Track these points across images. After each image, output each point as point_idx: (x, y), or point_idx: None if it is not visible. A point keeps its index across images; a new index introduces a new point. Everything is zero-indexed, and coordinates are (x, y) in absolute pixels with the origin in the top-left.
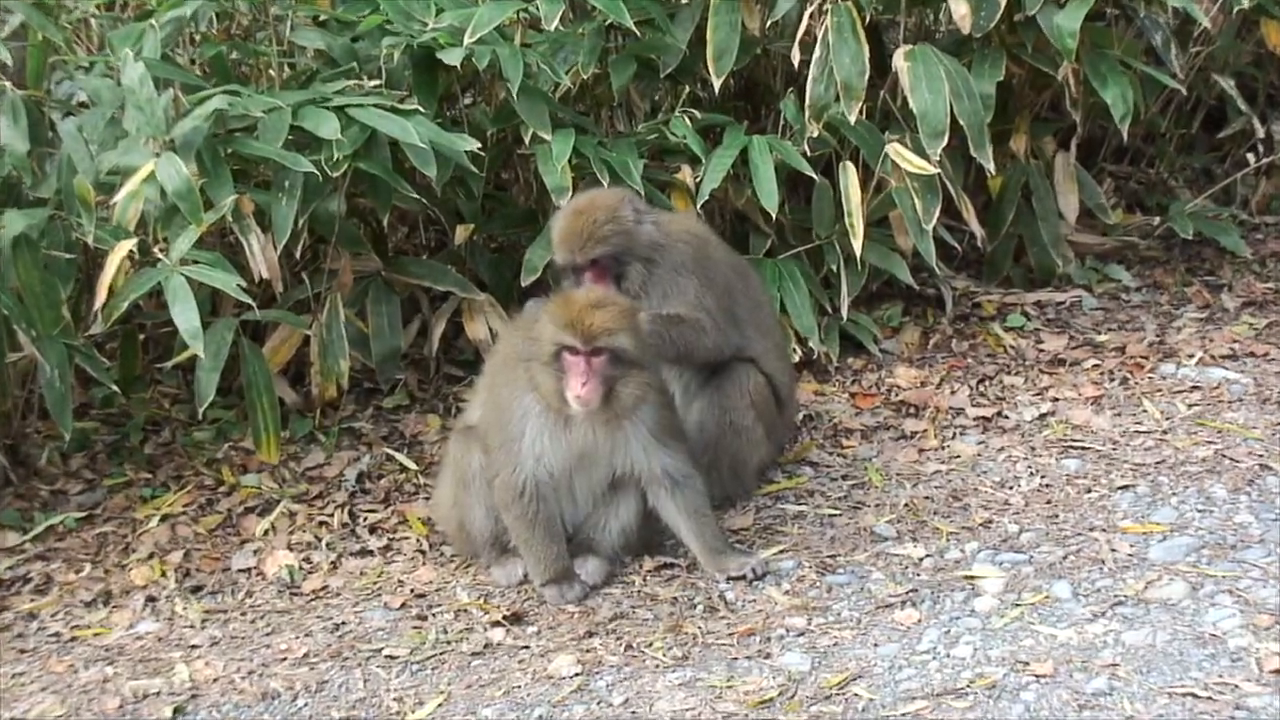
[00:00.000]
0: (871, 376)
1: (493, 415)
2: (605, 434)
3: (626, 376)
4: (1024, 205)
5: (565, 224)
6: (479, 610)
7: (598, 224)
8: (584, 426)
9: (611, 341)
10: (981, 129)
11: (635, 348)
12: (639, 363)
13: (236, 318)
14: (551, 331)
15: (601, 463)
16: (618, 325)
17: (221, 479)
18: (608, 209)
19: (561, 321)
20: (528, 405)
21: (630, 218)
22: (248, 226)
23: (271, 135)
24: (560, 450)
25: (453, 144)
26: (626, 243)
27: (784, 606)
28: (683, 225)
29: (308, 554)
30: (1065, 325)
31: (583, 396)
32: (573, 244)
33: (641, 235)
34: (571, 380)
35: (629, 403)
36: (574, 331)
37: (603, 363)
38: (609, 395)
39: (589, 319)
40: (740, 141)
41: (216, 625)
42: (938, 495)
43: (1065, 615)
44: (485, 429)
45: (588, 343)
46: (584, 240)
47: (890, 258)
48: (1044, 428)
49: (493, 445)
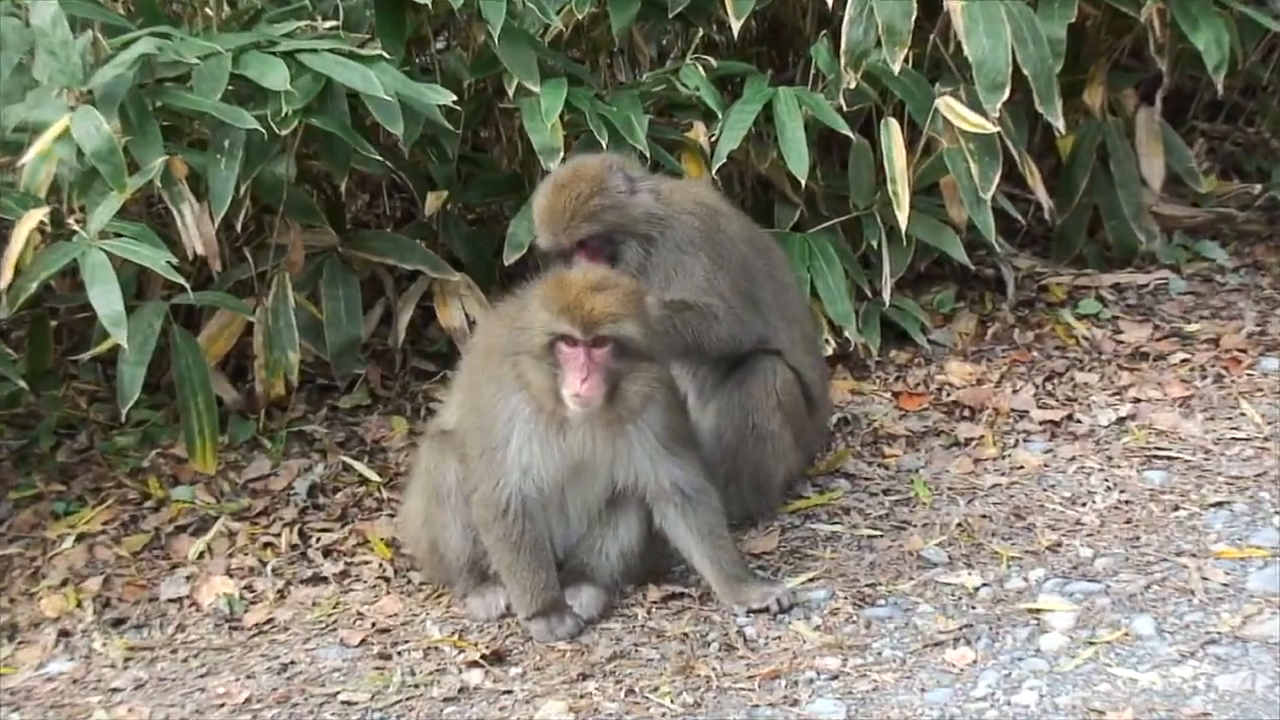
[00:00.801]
0: (919, 373)
1: (472, 419)
2: (606, 441)
3: (633, 371)
4: (1100, 170)
5: (546, 202)
6: (453, 648)
7: (583, 199)
8: (581, 432)
9: (616, 330)
10: (1049, 80)
11: (643, 337)
12: (647, 355)
13: (166, 301)
14: (544, 319)
15: (600, 474)
16: (623, 310)
17: (148, 492)
18: (594, 180)
19: (556, 306)
20: (514, 407)
21: (621, 188)
22: (180, 194)
23: (208, 86)
24: (552, 460)
25: (423, 96)
26: (619, 219)
27: (814, 645)
28: (688, 194)
29: (250, 581)
30: (1148, 312)
31: (582, 395)
32: (556, 225)
33: (637, 208)
34: (569, 376)
35: (635, 403)
36: (571, 318)
37: (605, 355)
38: (612, 394)
39: (589, 303)
40: (764, 94)
41: (142, 665)
42: (997, 513)
43: (1148, 656)
44: (463, 434)
45: (588, 331)
46: (568, 219)
47: (941, 232)
48: (1123, 434)
49: (472, 454)
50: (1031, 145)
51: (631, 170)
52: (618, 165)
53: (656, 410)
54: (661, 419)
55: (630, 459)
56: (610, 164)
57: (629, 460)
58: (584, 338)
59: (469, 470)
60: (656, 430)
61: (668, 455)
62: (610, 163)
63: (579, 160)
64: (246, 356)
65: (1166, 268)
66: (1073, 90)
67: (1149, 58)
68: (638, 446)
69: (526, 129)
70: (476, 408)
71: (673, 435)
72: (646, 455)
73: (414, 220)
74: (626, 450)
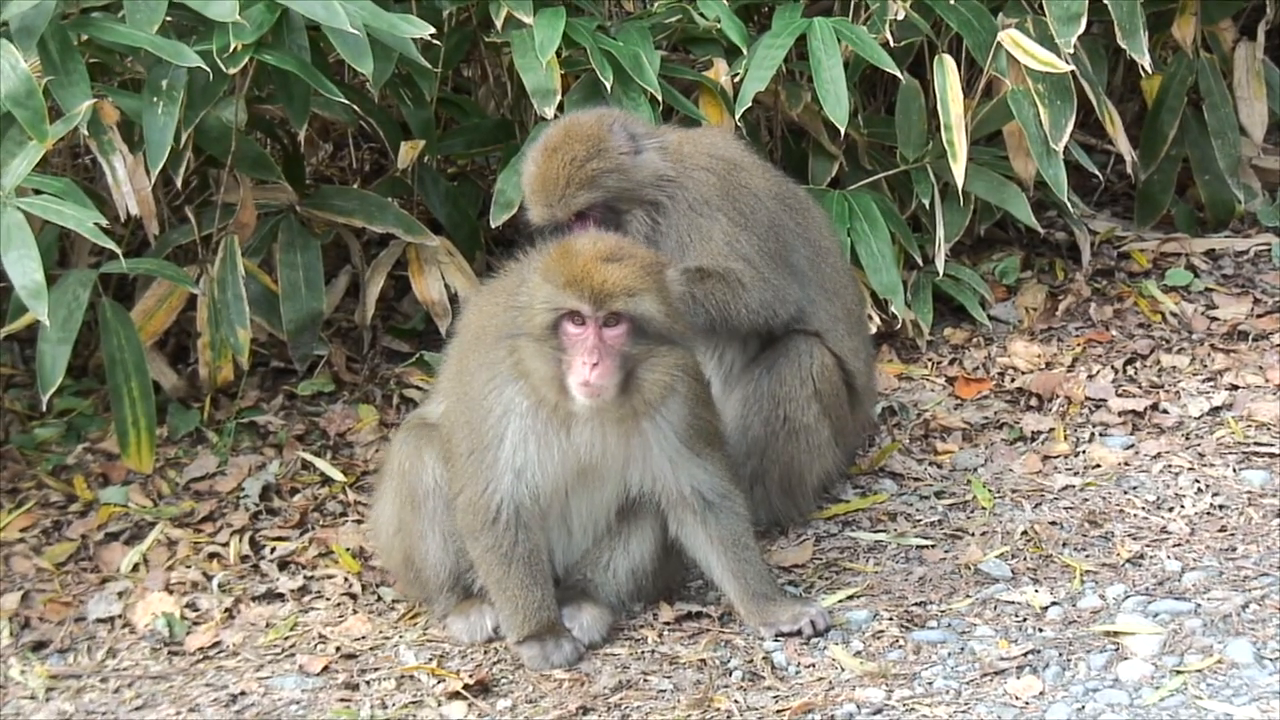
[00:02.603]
0: (977, 354)
1: (460, 412)
2: (618, 439)
3: (651, 357)
4: (1191, 117)
5: (537, 169)
6: (430, 677)
7: (579, 163)
8: (589, 429)
9: (631, 306)
10: (1134, 9)
11: (663, 316)
12: (668, 338)
13: (94, 270)
14: (548, 293)
15: (610, 479)
16: (639, 284)
17: (74, 493)
18: (591, 140)
19: (562, 278)
20: (509, 400)
21: (623, 148)
22: (110, 143)
23: (143, 16)
24: (553, 462)
25: (395, 29)
26: (622, 184)
27: (854, 674)
28: (701, 147)
29: (193, 598)
30: (1248, 284)
31: (592, 383)
32: (549, 194)
33: (642, 170)
34: (575, 362)
35: (653, 395)
36: (579, 291)
37: (619, 336)
38: (626, 383)
39: (600, 274)
40: (796, 26)
41: (66, 696)
42: (1068, 520)
43: (1245, 686)
44: (449, 430)
45: (599, 306)
46: (563, 188)
47: (1004, 189)
48: (1217, 426)
49: (459, 451)
50: (1111, 87)
51: (634, 125)
52: (618, 121)
53: (678, 404)
54: (684, 414)
55: (647, 461)
56: (609, 120)
57: (645, 463)
58: (594, 314)
59: (454, 470)
60: (678, 428)
61: (691, 457)
62: (609, 119)
63: (572, 117)
64: (188, 335)
65: (1269, 231)
66: (1160, 22)
67: None
68: (655, 447)
69: (517, 67)
70: (465, 399)
71: (697, 433)
72: (666, 457)
73: (385, 175)
74: (642, 451)
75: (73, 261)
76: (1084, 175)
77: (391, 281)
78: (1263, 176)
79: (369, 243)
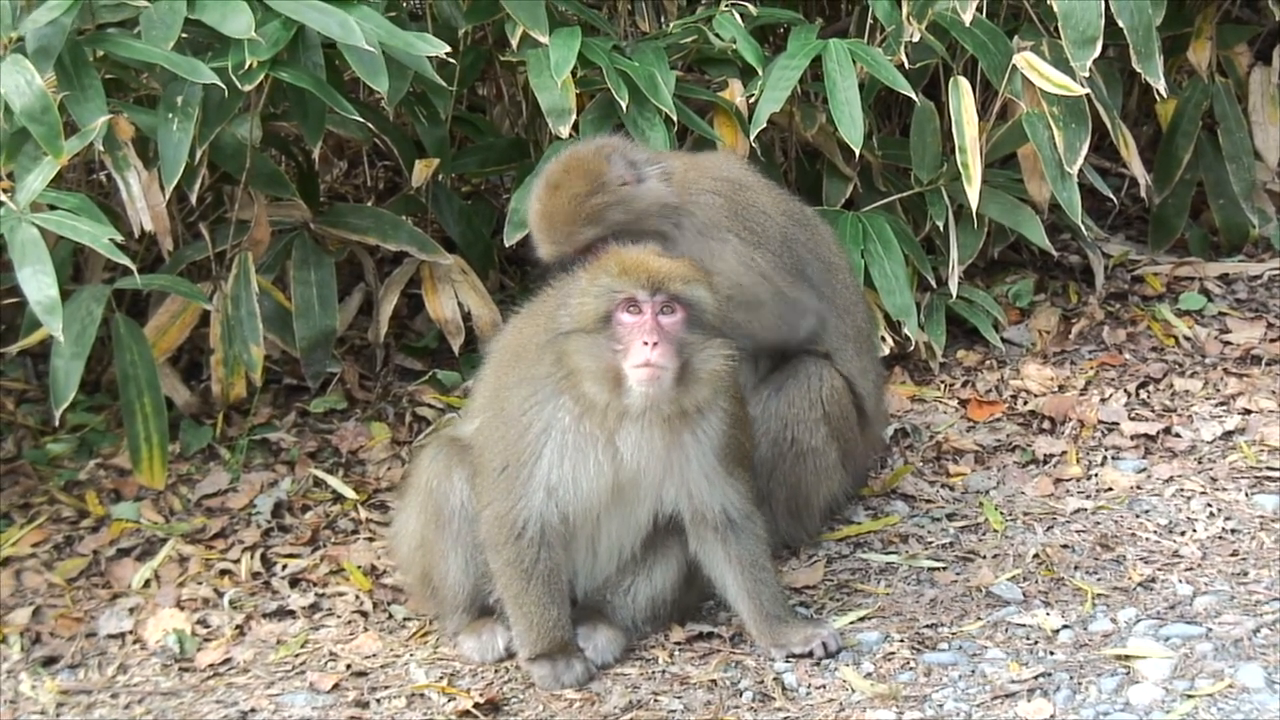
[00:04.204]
0: (990, 377)
1: (495, 429)
2: (662, 447)
3: (706, 348)
4: (1206, 141)
5: (540, 206)
6: (440, 695)
7: (580, 199)
8: (635, 432)
9: (688, 291)
10: (1149, 33)
11: (715, 307)
12: (719, 331)
13: (108, 285)
14: (604, 283)
15: (646, 497)
16: (693, 272)
17: (85, 509)
18: (590, 175)
19: (617, 268)
20: (550, 416)
21: (624, 178)
22: (125, 159)
23: (159, 33)
24: (589, 479)
25: (411, 47)
26: (625, 215)
27: (865, 695)
28: (706, 169)
29: (204, 615)
30: (1261, 309)
31: (653, 363)
32: (555, 232)
33: (645, 200)
34: (633, 345)
35: (708, 385)
36: (637, 278)
37: (675, 323)
38: (682, 374)
39: (655, 263)
40: (811, 48)
41: (76, 712)
42: (1080, 543)
43: (1256, 711)
44: (481, 446)
45: (656, 290)
46: (568, 225)
47: (1018, 212)
48: (1230, 450)
49: (490, 467)
50: (1126, 110)
51: (634, 153)
52: (617, 151)
53: (718, 420)
54: (723, 431)
55: (684, 476)
56: (607, 151)
57: (682, 477)
58: (651, 298)
59: (483, 485)
60: (716, 444)
61: (724, 476)
62: (607, 149)
63: (571, 153)
64: (201, 351)
65: None
66: (1176, 46)
67: (1265, 7)
68: (694, 461)
69: (532, 86)
70: (502, 416)
71: (732, 452)
72: (703, 473)
73: (399, 192)
74: (681, 465)
75: (86, 277)
76: (1098, 198)
77: (405, 299)
78: (1277, 201)
79: (382, 260)
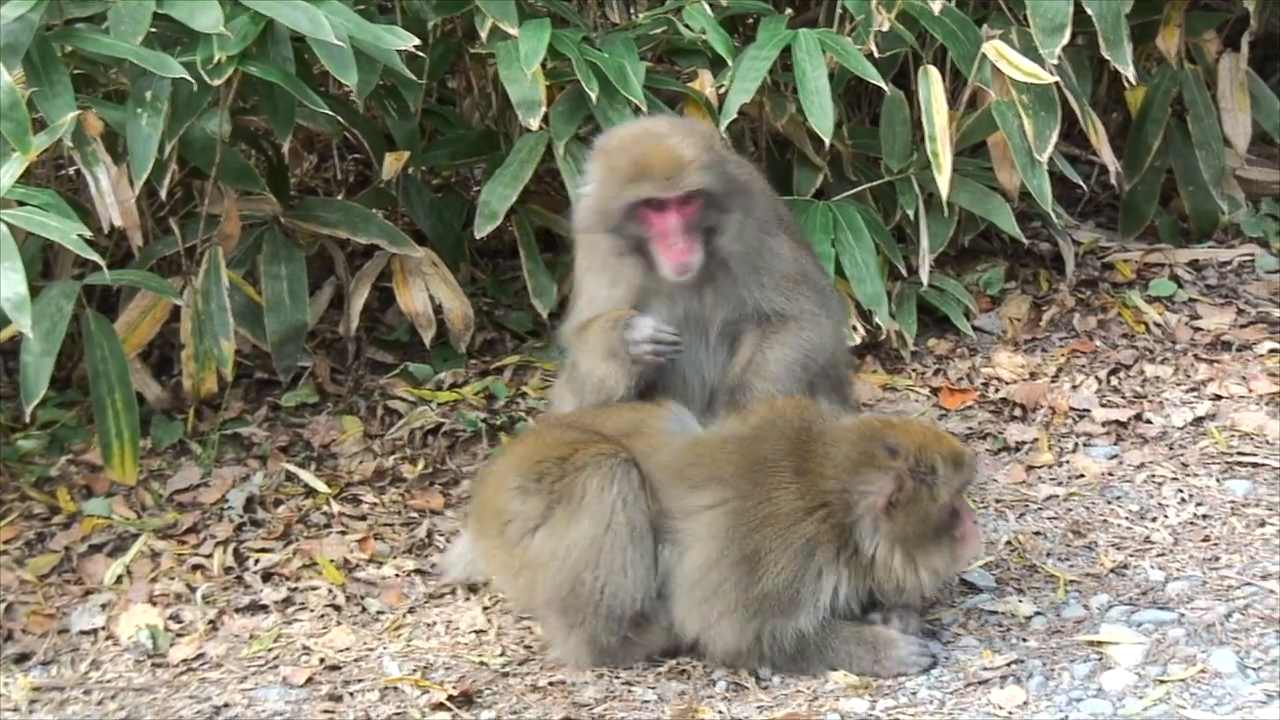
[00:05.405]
0: (962, 364)
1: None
2: None
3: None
4: (1176, 127)
5: (647, 148)
6: (414, 688)
7: (698, 146)
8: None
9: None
10: (1118, 21)
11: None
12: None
13: (78, 281)
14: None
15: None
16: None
17: (57, 505)
18: (701, 134)
19: None
20: None
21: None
22: (94, 155)
23: (127, 27)
24: None
25: (380, 40)
26: (725, 183)
27: (838, 685)
28: (746, 165)
29: (177, 610)
30: (1231, 295)
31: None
32: (669, 169)
33: (736, 176)
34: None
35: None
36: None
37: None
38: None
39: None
40: (781, 38)
41: (50, 708)
42: (1052, 530)
43: (1229, 696)
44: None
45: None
46: (683, 166)
47: (989, 200)
48: (1201, 436)
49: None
50: (1096, 98)
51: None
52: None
53: None
54: None
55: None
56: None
57: None
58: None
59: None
60: None
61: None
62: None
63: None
64: (172, 346)
65: (1253, 241)
66: (1145, 33)
67: None
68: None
69: (502, 78)
70: None
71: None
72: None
73: (369, 186)
74: None
75: (56, 273)
76: (1068, 186)
77: (376, 293)
78: (1246, 187)
79: (353, 254)
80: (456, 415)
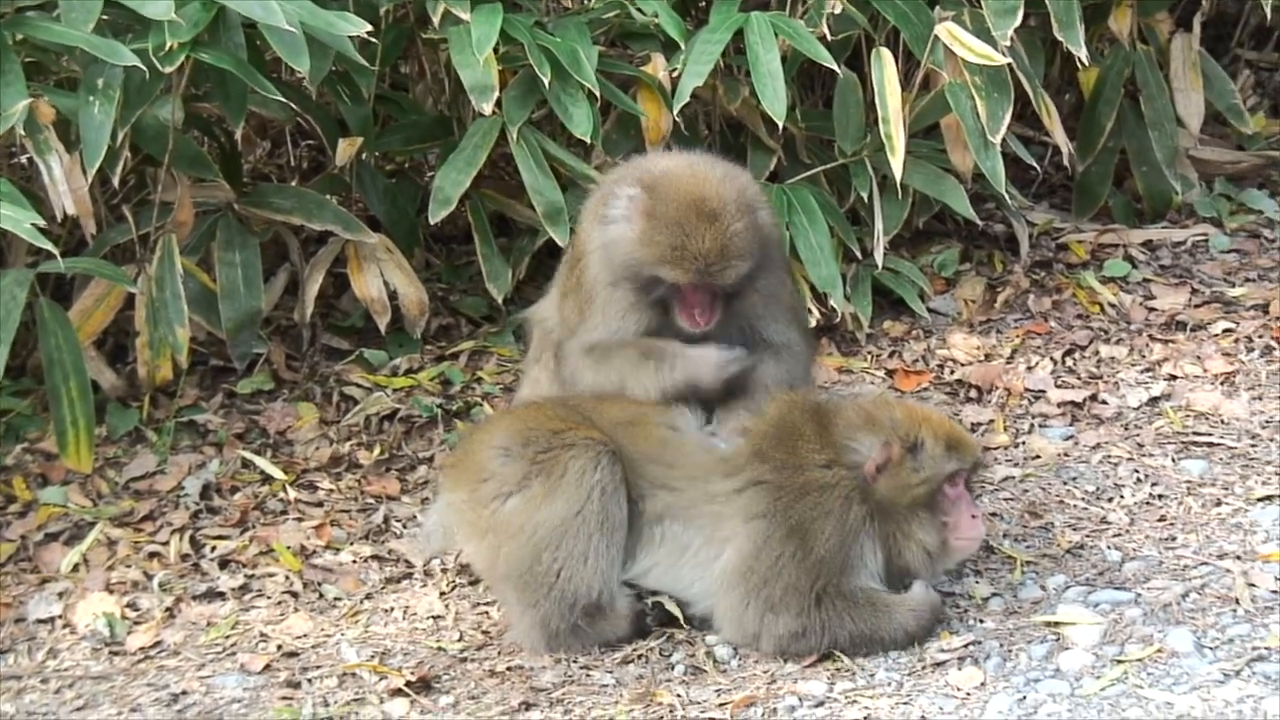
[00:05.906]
0: (917, 346)
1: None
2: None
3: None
4: (1128, 108)
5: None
6: (372, 674)
7: (743, 234)
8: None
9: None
10: (1070, 2)
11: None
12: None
13: (32, 270)
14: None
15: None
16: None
17: (13, 494)
18: (744, 205)
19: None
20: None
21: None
22: (46, 143)
23: (79, 15)
24: None
25: (332, 26)
26: (759, 255)
27: (796, 667)
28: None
29: (134, 598)
30: (1185, 275)
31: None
32: (713, 260)
33: (769, 237)
34: (963, 521)
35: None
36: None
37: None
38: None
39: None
40: (734, 21)
41: (7, 698)
42: (1009, 511)
43: (1185, 675)
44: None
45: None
46: (729, 259)
47: (942, 182)
48: (1155, 416)
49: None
50: (1049, 79)
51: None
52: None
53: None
54: None
55: None
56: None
57: None
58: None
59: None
60: None
61: None
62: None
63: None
64: (127, 334)
65: (1206, 221)
66: (1097, 14)
67: None
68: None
69: (455, 64)
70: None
71: None
72: None
73: (323, 172)
74: None
75: (10, 261)
76: (1022, 167)
77: (330, 279)
78: (1200, 167)
79: (307, 240)
80: (412, 401)
